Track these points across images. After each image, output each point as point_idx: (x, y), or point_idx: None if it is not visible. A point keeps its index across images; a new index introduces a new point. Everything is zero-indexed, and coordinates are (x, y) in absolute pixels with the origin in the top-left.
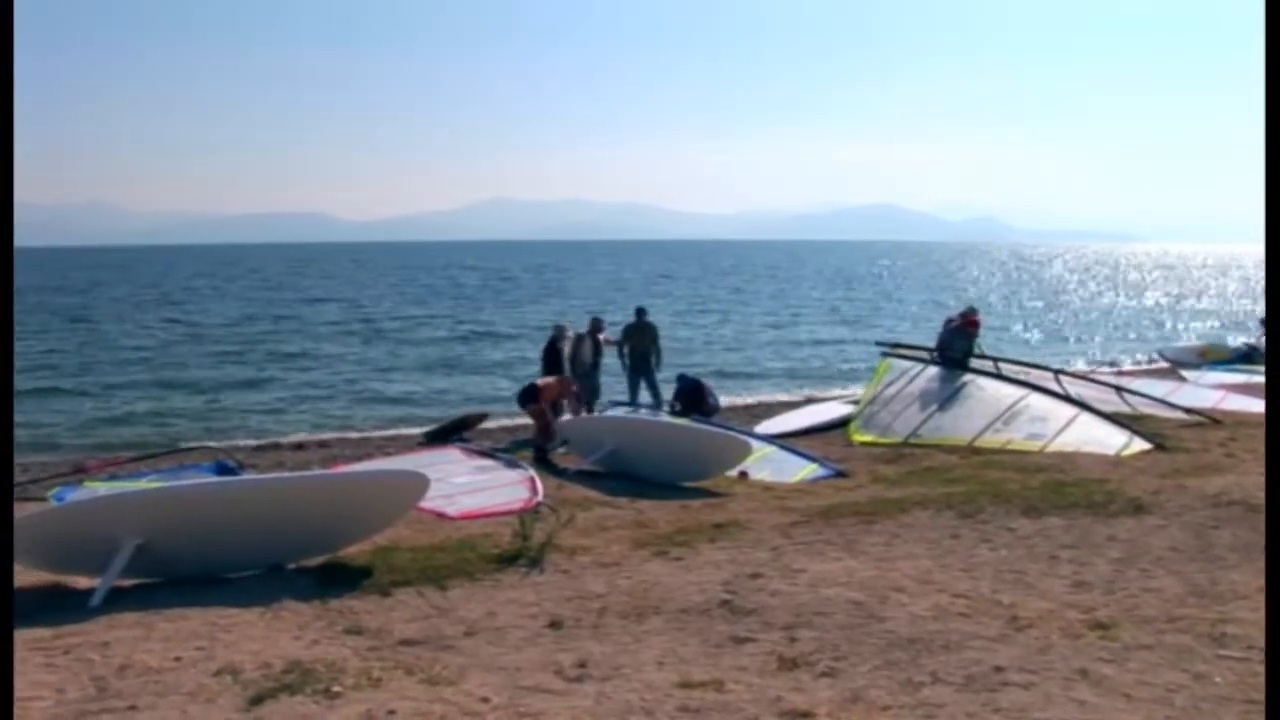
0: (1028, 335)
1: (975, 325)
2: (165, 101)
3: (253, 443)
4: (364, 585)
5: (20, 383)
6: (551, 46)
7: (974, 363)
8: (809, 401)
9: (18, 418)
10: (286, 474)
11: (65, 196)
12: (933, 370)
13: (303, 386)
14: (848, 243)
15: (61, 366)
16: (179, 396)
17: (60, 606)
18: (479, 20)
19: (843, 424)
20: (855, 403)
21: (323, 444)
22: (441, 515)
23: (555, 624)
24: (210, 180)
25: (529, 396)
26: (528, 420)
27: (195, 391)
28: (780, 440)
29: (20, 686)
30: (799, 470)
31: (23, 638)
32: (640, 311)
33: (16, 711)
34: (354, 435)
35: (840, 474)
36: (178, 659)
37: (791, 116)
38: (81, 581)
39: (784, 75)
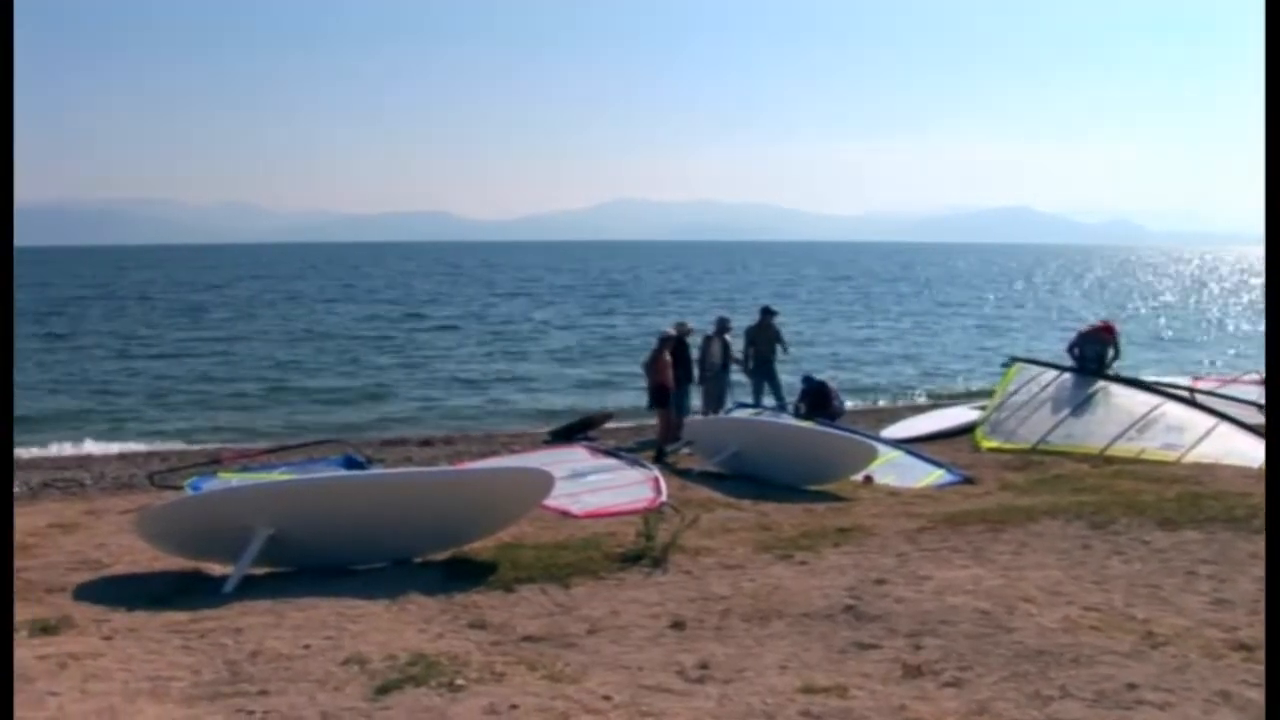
0: (1153, 340)
1: (1111, 332)
2: (298, 103)
3: (380, 438)
4: (488, 581)
5: (144, 379)
6: (684, 46)
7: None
8: (935, 406)
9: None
10: (414, 469)
11: (207, 197)
12: (1064, 376)
13: (430, 384)
14: (977, 245)
15: (193, 360)
16: (308, 392)
17: (196, 591)
18: (609, 20)
19: (969, 430)
20: (982, 408)
21: (448, 440)
22: (565, 513)
23: (678, 624)
24: (341, 180)
25: (660, 398)
26: (652, 420)
27: (325, 387)
28: (906, 445)
29: (159, 666)
30: (924, 476)
31: (161, 620)
32: (765, 312)
33: (157, 687)
34: (479, 432)
35: (967, 480)
36: (307, 647)
37: (920, 118)
38: (216, 568)
39: (913, 77)
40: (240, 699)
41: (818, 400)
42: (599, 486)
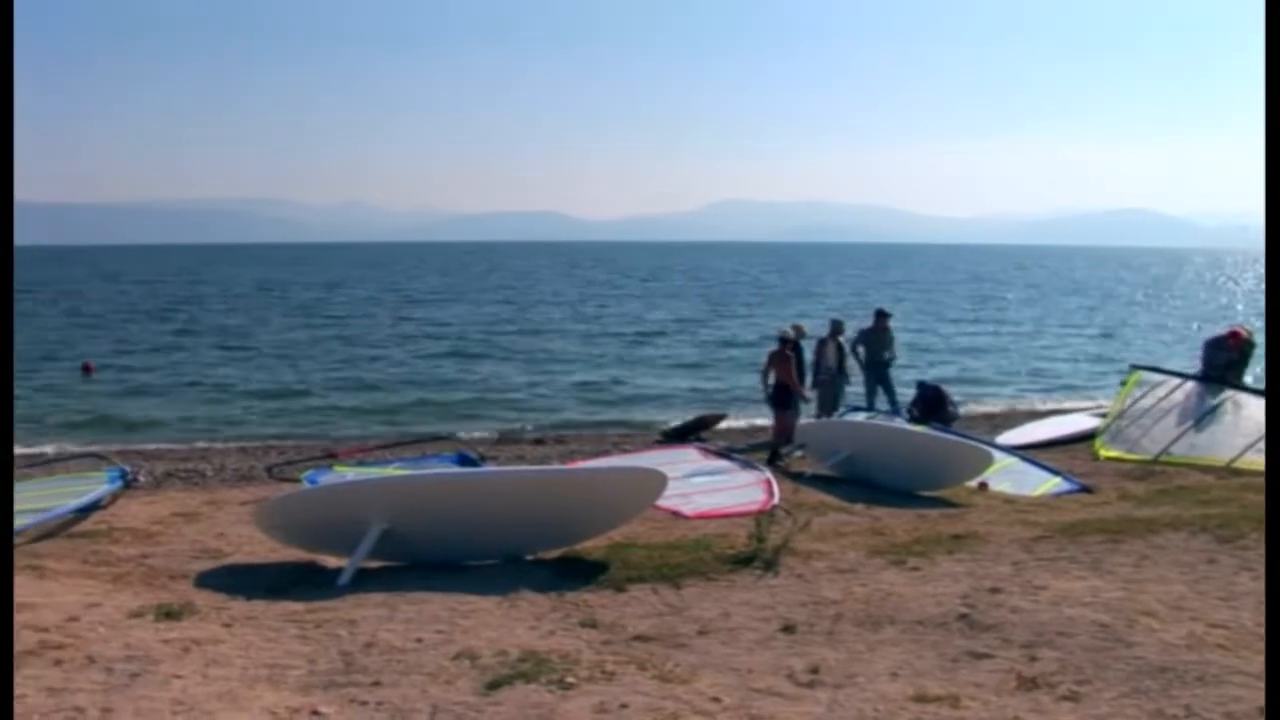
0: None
1: (1239, 339)
2: (414, 104)
3: (493, 435)
4: (599, 580)
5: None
6: (794, 46)
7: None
8: (1052, 413)
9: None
10: (526, 467)
11: (329, 197)
12: (1189, 385)
13: (542, 383)
14: (1095, 249)
15: (296, 358)
16: (420, 390)
17: (311, 582)
18: (718, 20)
19: (1088, 438)
20: (1102, 416)
21: (561, 439)
22: (677, 514)
23: (788, 628)
24: (453, 180)
25: (783, 398)
26: (764, 422)
27: (437, 385)
28: (1022, 452)
29: (277, 653)
30: (1041, 484)
31: (278, 609)
32: (879, 314)
33: (274, 674)
34: (592, 432)
35: (1085, 489)
36: (419, 640)
37: (1035, 118)
38: (330, 561)
39: (1028, 76)
40: (354, 689)
41: (932, 405)
42: (711, 488)
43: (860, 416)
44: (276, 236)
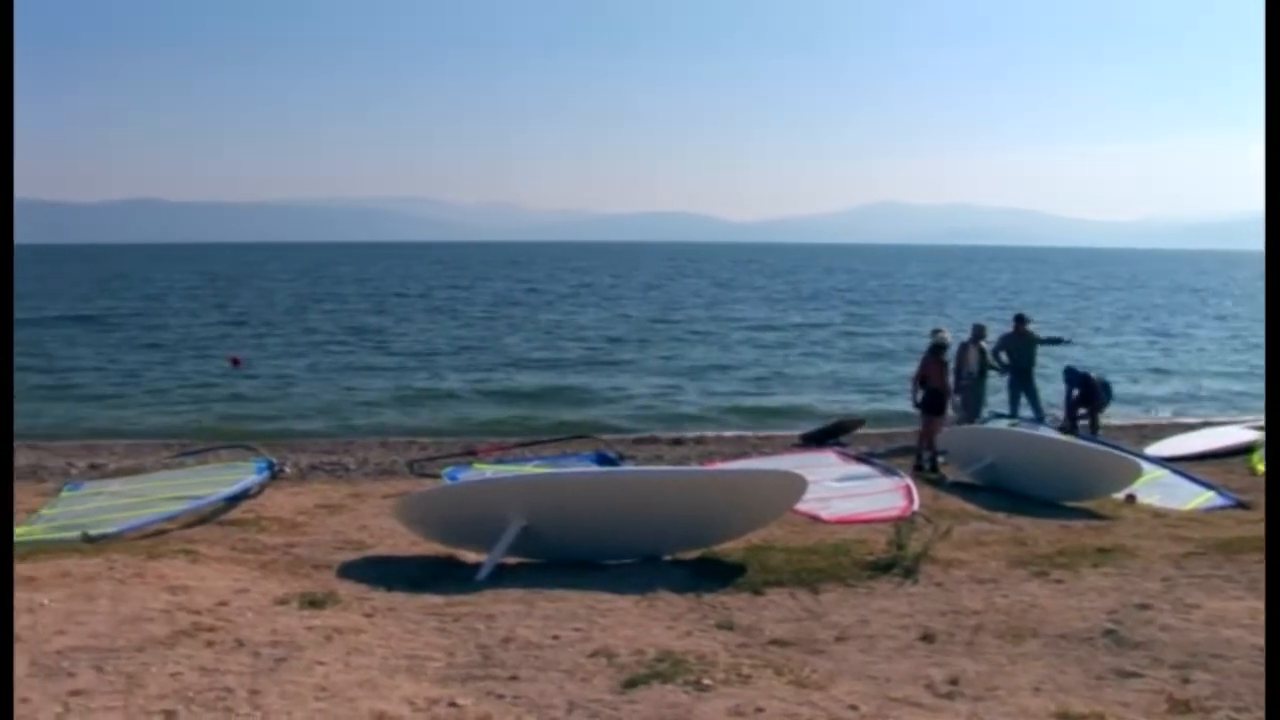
0: None
1: None
2: (560, 105)
3: (632, 435)
4: (737, 582)
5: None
6: (942, 48)
7: None
8: (1206, 424)
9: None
10: (665, 468)
11: (475, 196)
12: None
13: (681, 383)
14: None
15: (436, 356)
16: (559, 389)
17: (450, 577)
18: (865, 21)
19: (1244, 451)
20: (1259, 428)
21: (699, 440)
22: (815, 518)
23: (928, 637)
24: (597, 180)
25: (935, 404)
26: (904, 428)
27: (576, 385)
28: (1172, 464)
29: (416, 645)
30: (1192, 498)
31: (418, 602)
32: (1020, 320)
33: (413, 665)
34: (730, 433)
35: (1241, 505)
36: (556, 637)
37: (1208, 117)
38: (469, 556)
39: (1197, 74)
40: (491, 682)
41: (1087, 391)
42: (850, 492)
43: (1003, 424)
44: (423, 235)
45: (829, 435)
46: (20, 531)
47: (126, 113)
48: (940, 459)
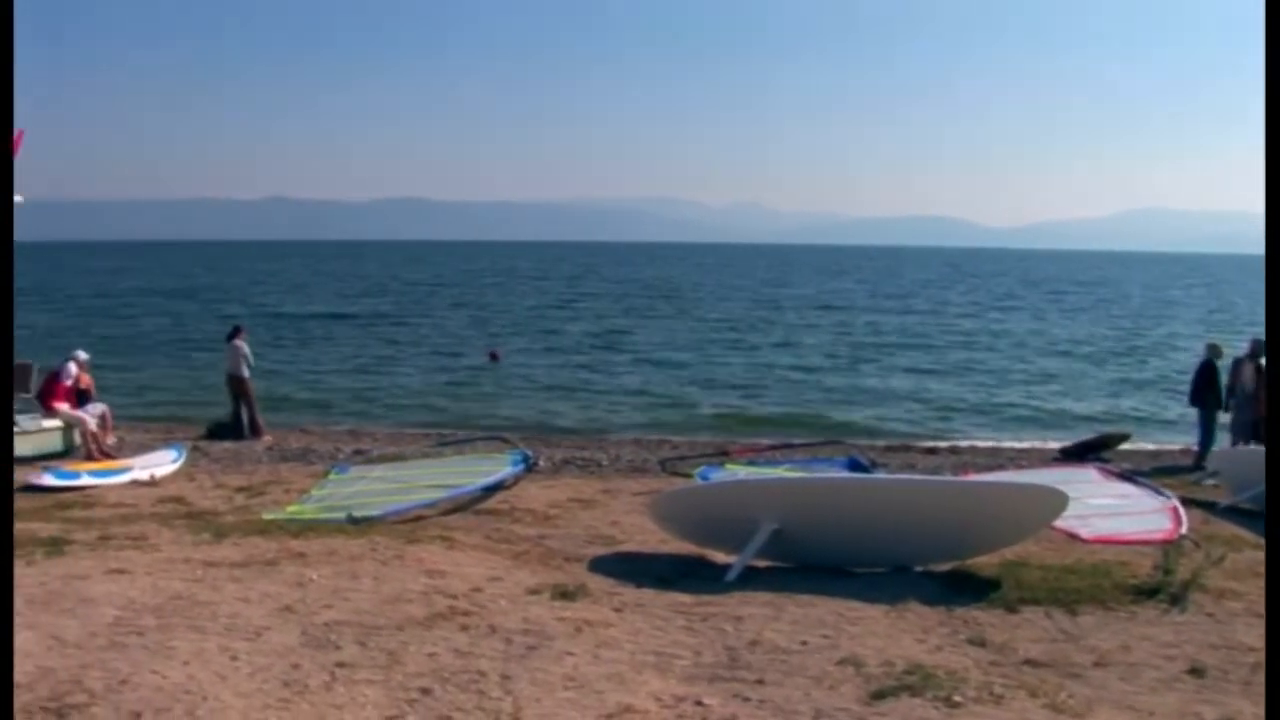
0: None
1: None
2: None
3: (883, 442)
4: (990, 598)
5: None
6: (1214, 48)
7: None
8: None
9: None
10: (919, 477)
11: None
12: None
13: (937, 390)
14: None
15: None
16: (811, 392)
17: (699, 576)
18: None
19: None
20: None
21: (954, 450)
22: (1074, 536)
23: (1197, 671)
24: (849, 183)
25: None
26: (1171, 443)
27: (828, 389)
28: None
29: (664, 642)
30: None
31: (666, 599)
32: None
33: (661, 662)
34: (986, 444)
35: None
36: (804, 642)
37: None
38: (718, 556)
39: None
40: (738, 684)
41: None
42: (1112, 511)
43: None
44: (673, 236)
45: (1090, 450)
46: (292, 509)
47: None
48: (1211, 481)
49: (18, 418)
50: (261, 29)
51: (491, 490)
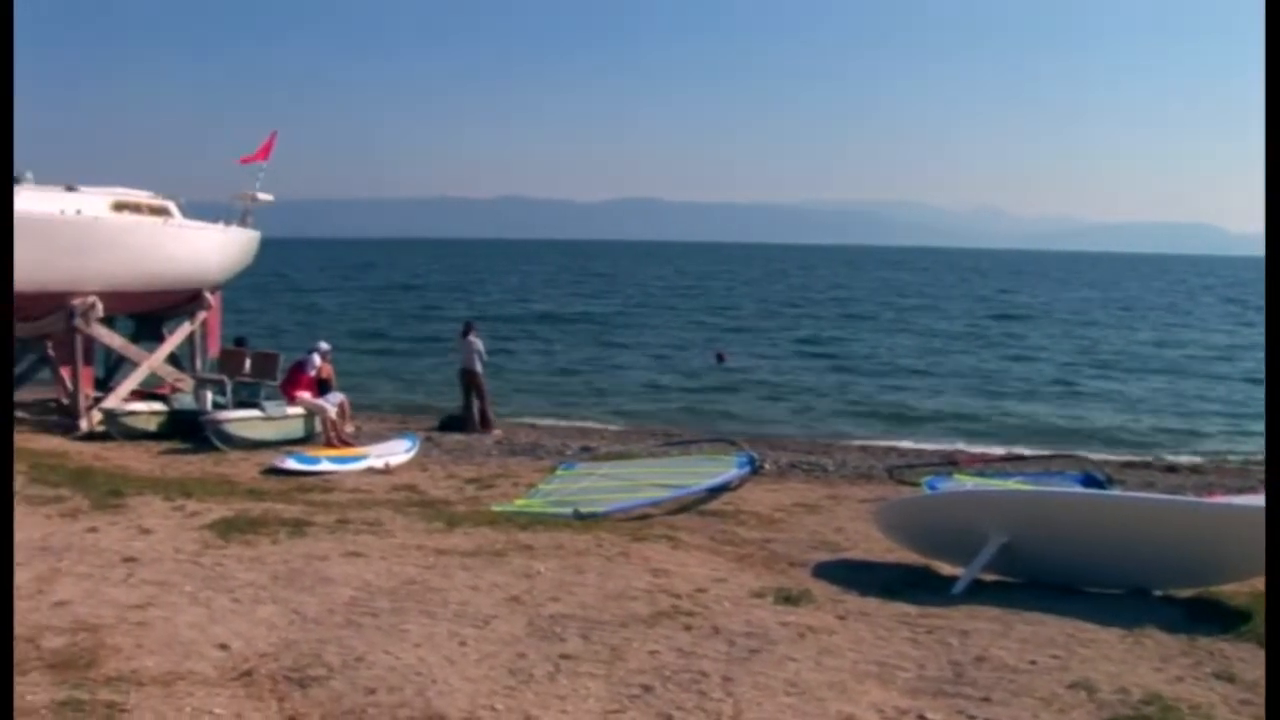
0: None
1: None
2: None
3: (1120, 458)
4: (1240, 630)
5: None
6: None
7: None
8: None
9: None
10: (1158, 495)
11: (962, 201)
12: None
13: (1185, 406)
14: None
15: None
16: (1047, 406)
17: (924, 587)
18: None
19: None
20: None
21: (1196, 469)
22: None
23: None
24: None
25: None
26: None
27: (1066, 400)
28: None
29: (887, 653)
30: None
31: (890, 609)
32: None
33: (883, 673)
34: (1232, 463)
35: None
36: (1033, 662)
37: None
38: (944, 568)
39: None
40: (962, 701)
41: None
42: None
43: None
44: (912, 240)
45: None
46: (520, 503)
47: (637, 117)
48: None
49: (264, 403)
50: (487, 35)
51: (717, 491)
